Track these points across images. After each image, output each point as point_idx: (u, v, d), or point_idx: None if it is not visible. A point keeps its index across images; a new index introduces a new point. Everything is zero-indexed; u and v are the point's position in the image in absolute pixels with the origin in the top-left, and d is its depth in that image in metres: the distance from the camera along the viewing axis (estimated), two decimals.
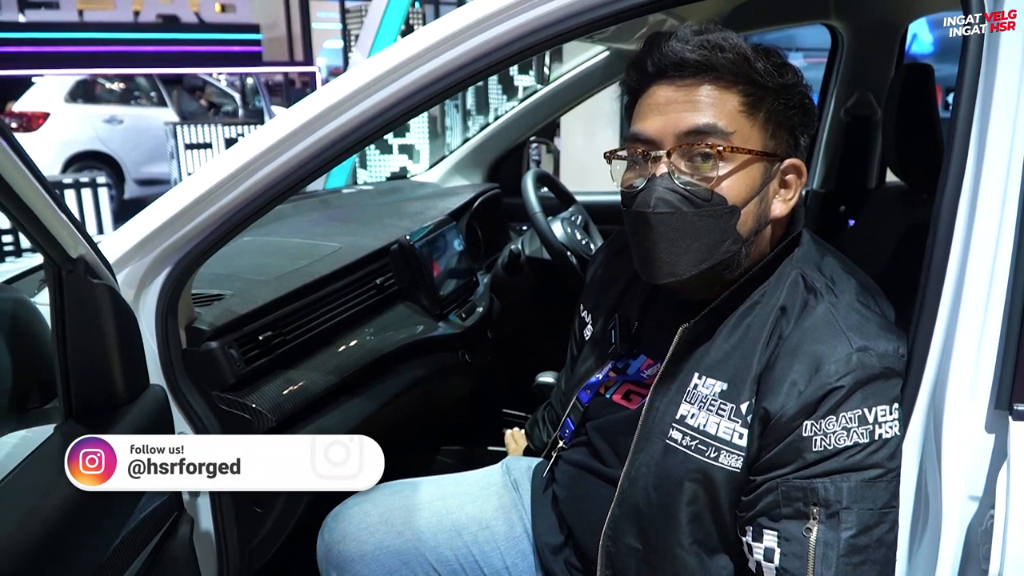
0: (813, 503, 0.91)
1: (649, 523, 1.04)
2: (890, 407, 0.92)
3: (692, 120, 0.96)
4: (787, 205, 1.03)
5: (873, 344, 0.93)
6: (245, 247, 1.77)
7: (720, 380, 1.00)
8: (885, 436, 0.91)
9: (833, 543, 0.90)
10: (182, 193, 1.17)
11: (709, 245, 0.97)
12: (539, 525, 1.27)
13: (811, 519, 0.91)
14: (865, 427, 0.90)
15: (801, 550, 0.91)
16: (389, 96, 1.12)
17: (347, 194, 2.71)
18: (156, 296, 1.22)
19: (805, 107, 1.01)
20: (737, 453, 0.96)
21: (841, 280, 1.01)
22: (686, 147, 0.97)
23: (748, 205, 0.98)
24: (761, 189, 0.99)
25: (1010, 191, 0.88)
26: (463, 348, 1.90)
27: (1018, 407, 0.86)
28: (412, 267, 1.83)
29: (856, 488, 0.90)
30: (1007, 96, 0.88)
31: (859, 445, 0.91)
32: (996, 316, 0.88)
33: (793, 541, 0.92)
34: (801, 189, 1.04)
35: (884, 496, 0.91)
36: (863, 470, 0.90)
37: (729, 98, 0.96)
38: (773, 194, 1.02)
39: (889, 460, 0.92)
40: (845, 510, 0.90)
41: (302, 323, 1.50)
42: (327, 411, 1.46)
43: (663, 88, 0.99)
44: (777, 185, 1.02)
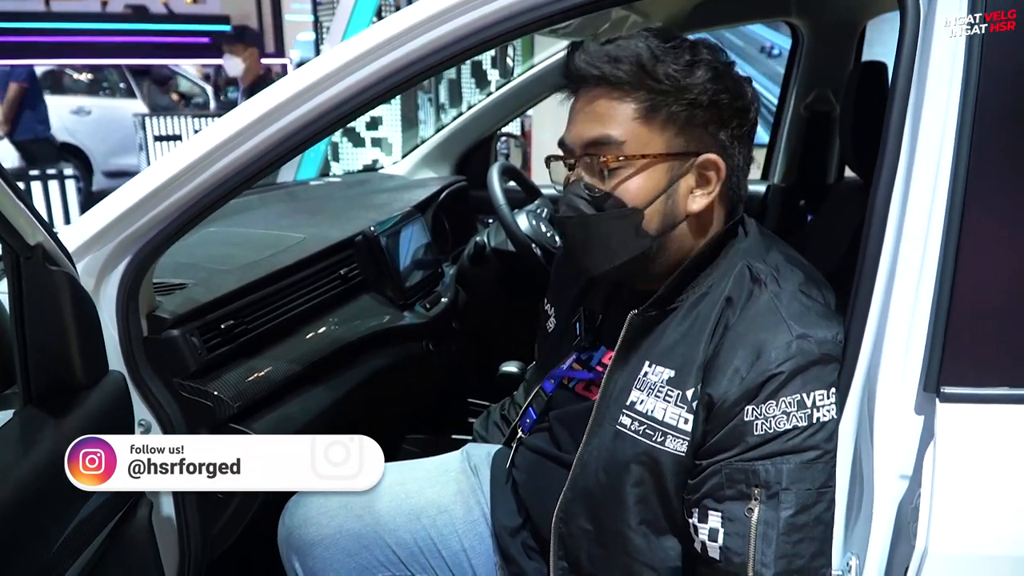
0: (755, 484, 0.95)
1: (599, 505, 1.08)
2: (827, 391, 0.96)
3: (589, 132, 1.02)
4: (707, 199, 1.05)
5: (812, 332, 0.97)
6: (209, 237, 1.78)
7: (668, 368, 1.04)
8: (823, 419, 0.95)
9: (773, 522, 0.94)
10: (143, 182, 1.18)
11: (617, 244, 1.03)
12: (498, 509, 1.30)
13: (753, 500, 0.95)
14: (804, 411, 0.95)
15: (743, 529, 0.95)
16: (352, 85, 1.13)
17: (314, 186, 2.72)
18: (117, 284, 1.22)
19: (718, 103, 1.02)
20: (683, 438, 1.00)
21: (785, 270, 1.05)
22: (587, 156, 1.03)
23: (653, 205, 1.02)
24: (668, 188, 1.02)
25: (939, 185, 0.92)
26: (428, 338, 1.93)
27: (945, 389, 0.91)
28: (377, 258, 1.85)
29: (795, 469, 0.94)
30: (938, 94, 0.92)
31: (798, 428, 0.95)
32: (926, 303, 0.92)
33: (736, 521, 0.96)
34: (722, 181, 1.05)
35: (822, 476, 0.95)
36: (802, 452, 0.94)
37: (624, 108, 1.01)
38: (687, 190, 1.04)
39: (826, 442, 0.96)
40: (784, 491, 0.94)
41: (265, 312, 1.52)
42: (289, 399, 1.48)
43: (578, 99, 1.06)
44: (692, 181, 1.04)
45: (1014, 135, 0.90)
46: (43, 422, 0.96)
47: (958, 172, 0.90)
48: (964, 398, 0.90)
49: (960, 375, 0.90)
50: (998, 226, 0.91)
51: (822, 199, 2.29)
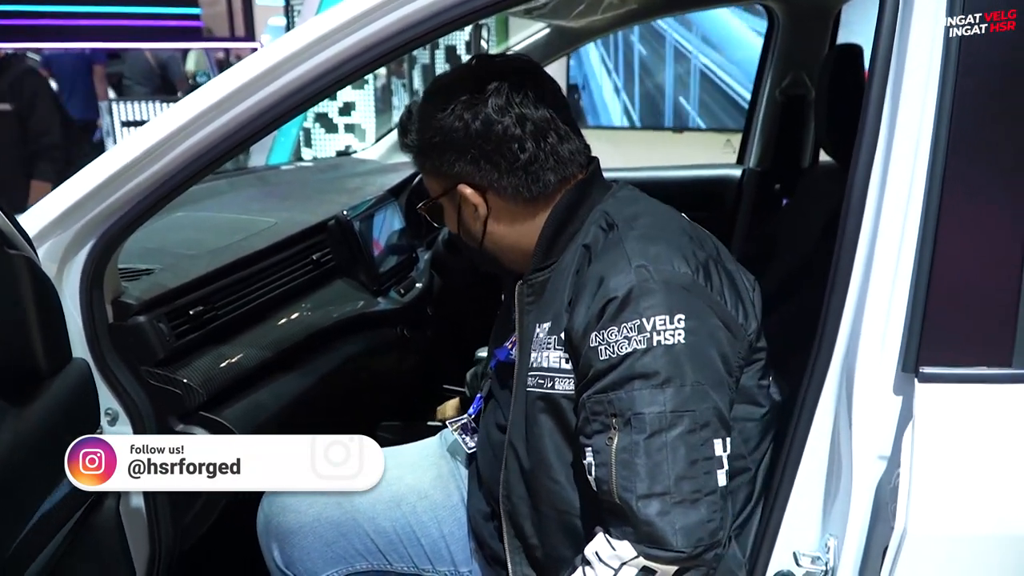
0: (611, 415, 0.97)
1: (527, 471, 1.10)
2: (670, 317, 0.96)
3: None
4: (479, 221, 1.15)
5: (651, 263, 0.99)
6: (177, 222, 1.74)
7: (548, 320, 1.09)
8: (666, 343, 0.95)
9: (630, 447, 0.95)
10: (105, 164, 1.14)
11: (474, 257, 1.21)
12: (472, 495, 1.29)
13: (612, 430, 0.97)
14: (643, 334, 0.96)
15: (607, 459, 0.97)
16: (316, 67, 1.10)
17: (286, 171, 2.69)
18: (80, 270, 1.19)
19: (447, 142, 1.11)
20: (568, 377, 1.05)
21: (644, 217, 1.09)
22: None
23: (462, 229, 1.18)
24: (459, 215, 1.17)
25: (918, 167, 0.91)
26: (402, 324, 1.91)
27: (923, 370, 0.90)
28: (350, 243, 1.82)
29: (645, 395, 0.95)
30: (916, 77, 0.91)
31: (638, 351, 0.95)
32: (904, 284, 0.92)
33: (601, 452, 0.98)
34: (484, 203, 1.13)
35: (676, 400, 0.95)
36: (647, 377, 0.95)
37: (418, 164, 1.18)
38: (471, 217, 1.15)
39: (675, 367, 0.95)
40: (636, 416, 0.95)
41: (235, 298, 1.49)
42: (261, 386, 1.46)
43: None
44: (469, 209, 1.15)
45: (992, 118, 0.90)
46: (3, 411, 0.92)
47: (937, 154, 0.90)
48: (943, 378, 0.90)
49: (939, 355, 0.90)
50: (977, 208, 0.91)
51: (797, 183, 2.29)
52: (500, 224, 1.14)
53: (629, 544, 0.95)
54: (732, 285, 1.07)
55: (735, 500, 1.07)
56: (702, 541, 0.94)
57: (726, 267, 1.09)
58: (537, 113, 1.09)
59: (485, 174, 1.10)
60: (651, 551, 0.94)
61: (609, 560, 0.96)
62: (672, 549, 0.93)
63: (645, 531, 0.94)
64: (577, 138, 1.14)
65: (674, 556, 0.94)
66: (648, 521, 0.93)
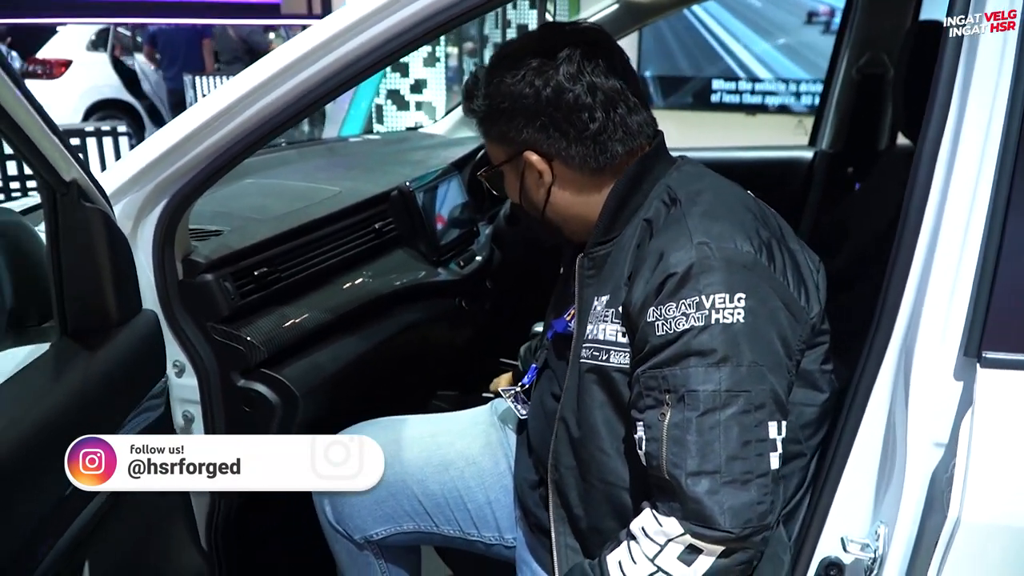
0: (665, 390, 0.96)
1: (577, 441, 1.10)
2: (730, 295, 0.95)
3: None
4: (543, 189, 1.14)
5: (713, 240, 0.98)
6: (246, 189, 1.79)
7: (607, 293, 1.08)
8: (724, 321, 0.94)
9: (682, 424, 0.94)
10: (178, 127, 1.19)
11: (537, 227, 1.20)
12: (520, 463, 1.31)
13: (664, 405, 0.96)
14: (702, 312, 0.94)
15: (658, 434, 0.96)
16: (381, 33, 1.12)
17: (354, 143, 2.72)
18: (153, 227, 1.24)
19: (517, 108, 1.10)
20: (623, 351, 1.04)
21: (708, 193, 1.07)
22: None
23: (522, 200, 1.18)
24: (522, 184, 1.16)
25: (988, 148, 0.88)
26: (460, 295, 1.92)
27: (987, 355, 0.87)
28: (411, 213, 1.84)
29: (701, 372, 0.94)
30: (991, 52, 0.89)
31: (695, 328, 0.94)
32: (970, 265, 0.89)
33: (653, 428, 0.97)
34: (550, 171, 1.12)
35: (731, 380, 0.94)
36: (704, 354, 0.94)
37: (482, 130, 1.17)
38: (534, 185, 1.14)
39: (732, 346, 0.94)
40: (690, 392, 0.94)
41: (298, 261, 1.53)
42: (320, 347, 1.49)
43: None
44: (532, 177, 1.14)
45: None
46: (76, 354, 0.97)
47: (1009, 135, 0.87)
48: (1007, 364, 0.87)
49: (1003, 340, 0.87)
50: None
51: (871, 166, 2.22)
52: (564, 193, 1.14)
53: (676, 521, 0.94)
54: (795, 266, 1.05)
55: (787, 485, 1.06)
56: (750, 523, 0.93)
57: (789, 247, 1.07)
58: (608, 83, 1.08)
59: (553, 142, 1.10)
60: (698, 529, 0.93)
61: (655, 536, 0.96)
62: (720, 528, 0.92)
63: (693, 508, 0.93)
64: (645, 111, 1.12)
65: (721, 536, 0.93)
66: (696, 499, 0.93)
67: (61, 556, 0.88)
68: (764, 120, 5.43)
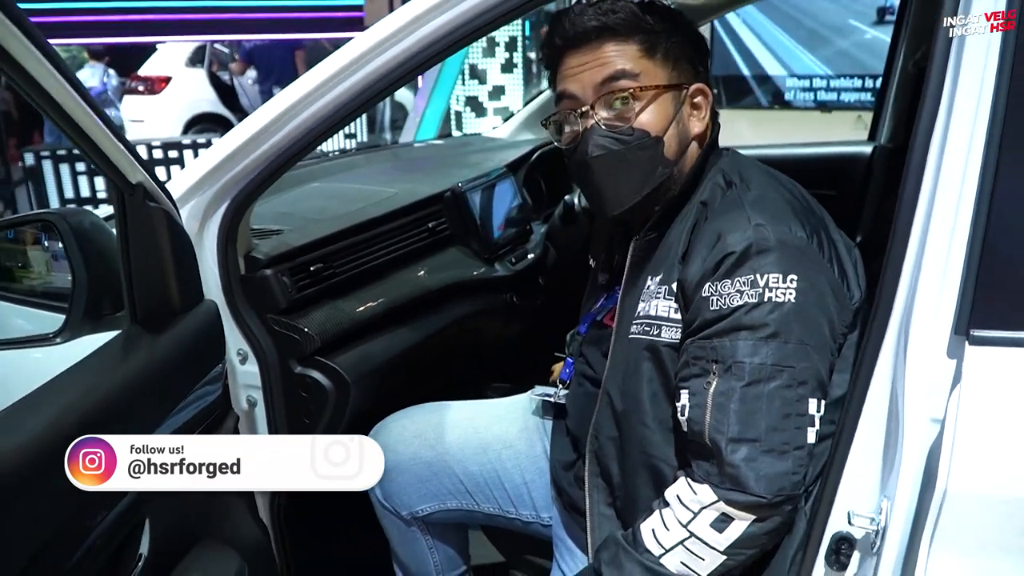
0: (713, 360, 1.01)
1: (621, 413, 1.15)
2: (783, 276, 1.00)
3: (603, 73, 1.12)
4: (703, 123, 1.18)
5: (769, 223, 1.03)
6: (309, 192, 1.93)
7: (660, 272, 1.13)
8: (776, 300, 0.99)
9: (727, 392, 0.99)
10: (236, 135, 1.31)
11: (644, 173, 1.13)
12: (556, 445, 1.38)
13: (711, 375, 1.01)
14: (756, 289, 1.00)
15: (702, 400, 1.01)
16: (416, 43, 1.21)
17: (418, 147, 2.85)
18: (217, 227, 1.37)
19: (695, 40, 1.18)
20: (675, 326, 1.09)
21: (758, 179, 1.13)
22: (604, 97, 1.12)
23: (668, 132, 1.13)
24: (675, 116, 1.14)
25: (977, 131, 0.91)
26: (511, 291, 2.01)
27: (975, 333, 0.90)
28: (464, 213, 1.94)
29: (749, 345, 0.99)
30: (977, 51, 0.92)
31: (748, 304, 1.00)
32: (960, 248, 0.92)
33: (698, 395, 1.02)
34: (710, 106, 1.19)
35: (778, 355, 0.99)
36: (755, 329, 0.99)
37: (629, 48, 1.12)
38: (688, 117, 1.17)
39: (781, 323, 0.99)
40: (737, 363, 0.99)
41: (352, 258, 1.64)
42: (372, 338, 1.60)
43: (574, 56, 1.15)
44: (689, 108, 1.17)
45: None
46: (142, 338, 1.10)
47: (992, 134, 0.90)
48: (994, 341, 0.89)
49: (990, 318, 0.89)
50: None
51: None
52: (697, 141, 1.18)
53: (710, 488, 1.00)
54: (837, 254, 1.09)
55: (819, 461, 1.09)
56: (783, 491, 0.99)
57: (831, 236, 1.12)
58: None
59: (710, 83, 1.19)
60: (731, 495, 0.99)
61: (690, 503, 1.02)
62: (752, 493, 0.98)
63: (729, 473, 0.99)
64: None
65: (753, 501, 0.98)
66: (734, 464, 0.98)
67: (123, 512, 0.99)
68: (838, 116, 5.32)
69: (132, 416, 1.01)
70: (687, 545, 1.01)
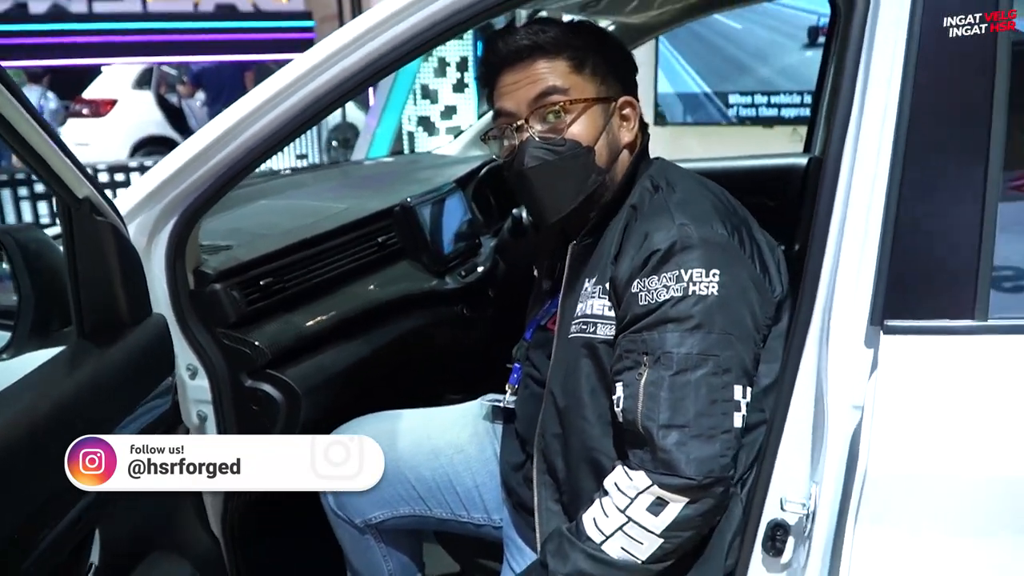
0: (643, 352, 1.07)
1: (563, 410, 1.21)
2: (706, 271, 1.07)
3: (536, 88, 1.18)
4: (632, 132, 1.25)
5: (692, 222, 1.10)
6: (259, 209, 1.94)
7: (596, 274, 1.19)
8: (700, 293, 1.06)
9: (657, 382, 1.05)
10: (183, 151, 1.32)
11: (578, 180, 1.19)
12: (505, 448, 1.41)
13: (642, 367, 1.07)
14: (680, 284, 1.07)
15: (635, 391, 1.07)
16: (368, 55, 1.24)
17: (366, 165, 2.87)
18: (166, 242, 1.38)
19: (621, 57, 1.26)
20: (610, 323, 1.15)
21: (683, 184, 1.20)
22: (538, 111, 1.18)
23: (599, 142, 1.20)
24: (605, 126, 1.21)
25: (884, 139, 0.99)
26: (462, 303, 2.04)
27: (888, 323, 0.96)
28: (413, 227, 1.97)
29: (676, 336, 1.05)
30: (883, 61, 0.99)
31: (674, 298, 1.06)
32: (872, 245, 0.99)
33: (630, 386, 1.08)
34: (638, 117, 1.26)
35: (703, 345, 1.05)
36: (681, 321, 1.06)
37: (559, 64, 1.19)
38: (618, 127, 1.24)
39: (705, 314, 1.06)
40: (666, 354, 1.06)
41: (302, 272, 1.66)
42: (323, 351, 1.62)
43: (508, 74, 1.21)
44: (619, 120, 1.24)
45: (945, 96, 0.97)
46: (90, 350, 1.11)
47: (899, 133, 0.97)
48: (906, 330, 0.96)
49: (902, 309, 0.96)
50: (933, 178, 0.97)
51: None
52: (627, 151, 1.25)
53: (645, 474, 1.06)
54: (759, 251, 1.16)
55: (751, 449, 1.15)
56: (712, 472, 1.04)
57: (753, 235, 1.19)
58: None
59: (636, 95, 1.26)
60: (664, 479, 1.04)
61: (626, 489, 1.07)
62: (684, 476, 1.03)
63: (662, 458, 1.04)
64: None
65: (685, 484, 1.04)
66: (665, 449, 1.04)
67: (73, 521, 1.00)
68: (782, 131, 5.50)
69: (81, 427, 1.02)
70: (626, 530, 1.06)
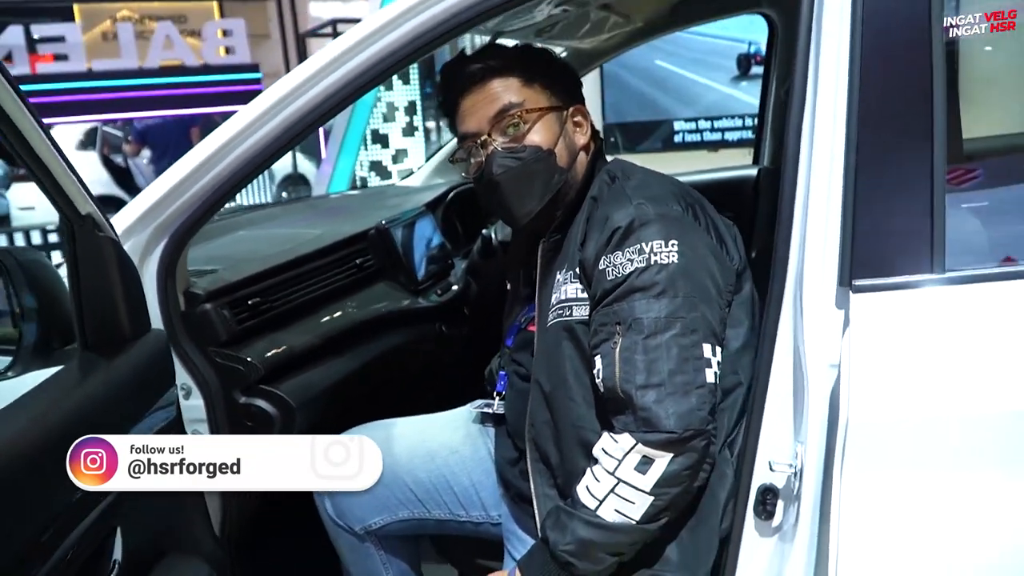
0: (616, 323, 1.16)
1: (549, 394, 1.27)
2: (665, 241, 1.17)
3: (495, 106, 1.29)
4: (586, 136, 1.37)
5: (648, 201, 1.21)
6: (239, 238, 1.98)
7: (566, 265, 1.28)
8: (661, 262, 1.15)
9: (631, 347, 1.13)
10: (172, 175, 1.37)
11: (543, 181, 1.30)
12: (500, 447, 1.46)
13: (616, 335, 1.15)
14: (643, 256, 1.16)
15: (611, 360, 1.15)
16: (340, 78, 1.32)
17: (334, 197, 2.94)
18: (157, 263, 1.41)
19: (566, 72, 1.39)
20: (584, 304, 1.24)
21: (639, 172, 1.31)
22: (498, 125, 1.29)
23: (558, 145, 1.31)
24: (561, 131, 1.32)
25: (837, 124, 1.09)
26: (440, 321, 2.09)
27: (856, 283, 1.05)
28: (389, 249, 2.03)
29: (644, 303, 1.14)
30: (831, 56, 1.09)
31: (638, 269, 1.16)
32: (836, 212, 1.07)
33: (607, 356, 1.16)
34: (589, 123, 1.38)
35: (669, 308, 1.14)
36: (646, 289, 1.15)
37: (511, 81, 1.30)
38: (573, 132, 1.35)
39: (669, 281, 1.15)
40: (636, 320, 1.14)
41: (287, 292, 1.70)
42: (311, 367, 1.66)
43: (467, 98, 1.32)
44: (572, 125, 1.35)
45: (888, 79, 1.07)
46: (96, 362, 1.14)
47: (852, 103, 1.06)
48: (873, 288, 1.04)
49: (868, 268, 1.05)
50: (887, 148, 1.06)
51: None
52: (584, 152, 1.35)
53: (629, 435, 1.13)
54: (715, 226, 1.27)
55: (732, 411, 1.23)
56: (691, 425, 1.11)
57: (708, 214, 1.29)
58: None
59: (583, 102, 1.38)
60: (647, 436, 1.11)
61: (613, 452, 1.14)
62: (665, 430, 1.10)
63: (642, 416, 1.11)
64: None
65: (666, 438, 1.11)
66: (645, 407, 1.11)
67: (96, 520, 1.01)
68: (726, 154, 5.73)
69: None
70: (618, 492, 1.13)
